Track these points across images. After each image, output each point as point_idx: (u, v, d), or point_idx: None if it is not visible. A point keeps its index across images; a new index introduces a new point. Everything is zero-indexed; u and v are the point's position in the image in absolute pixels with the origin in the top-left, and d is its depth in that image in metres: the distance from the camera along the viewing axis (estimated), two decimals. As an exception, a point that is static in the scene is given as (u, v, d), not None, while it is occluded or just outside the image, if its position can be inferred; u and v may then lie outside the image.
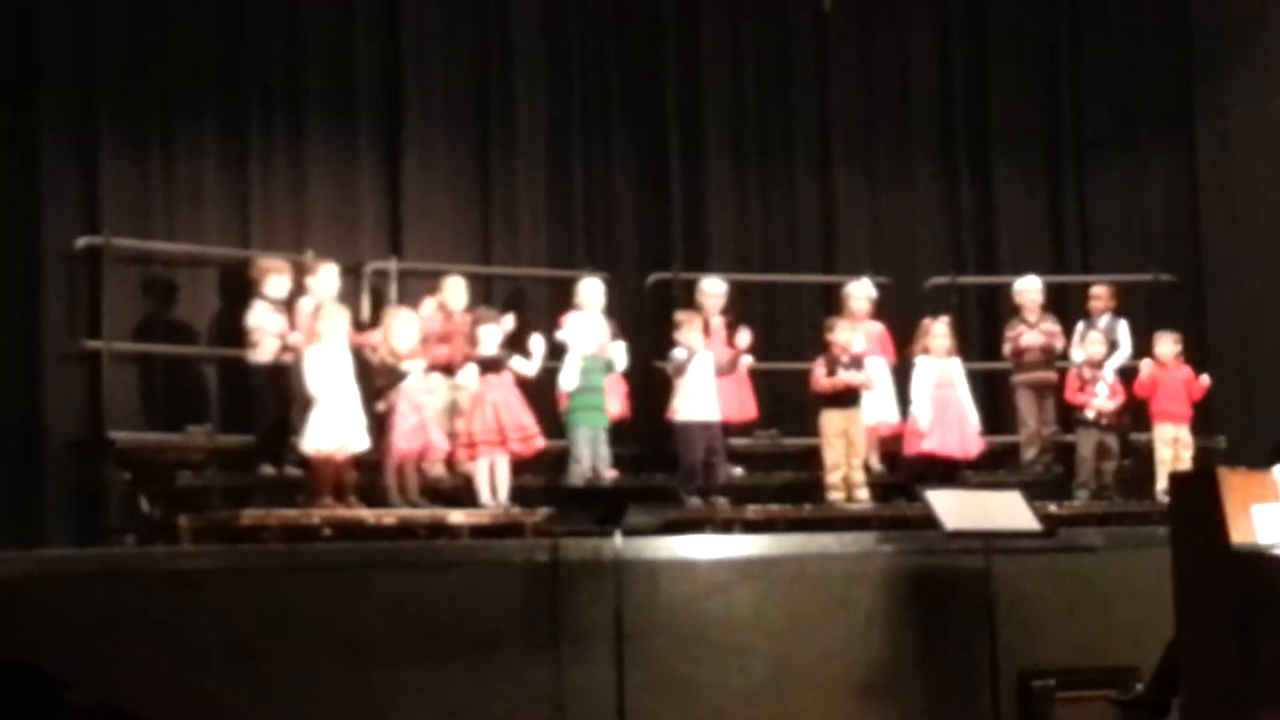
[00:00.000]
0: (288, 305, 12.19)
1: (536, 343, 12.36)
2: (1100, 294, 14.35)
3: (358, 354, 11.86)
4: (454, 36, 14.57)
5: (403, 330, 11.87)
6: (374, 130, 14.13)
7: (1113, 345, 13.94)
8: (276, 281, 12.21)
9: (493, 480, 11.98)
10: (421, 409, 11.74)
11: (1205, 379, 13.51)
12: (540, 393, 12.67)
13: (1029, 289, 14.20)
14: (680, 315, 12.98)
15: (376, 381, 11.79)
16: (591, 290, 13.16)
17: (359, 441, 11.55)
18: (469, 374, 12.14)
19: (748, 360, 13.09)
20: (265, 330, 12.04)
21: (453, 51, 14.55)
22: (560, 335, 12.85)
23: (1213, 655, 8.22)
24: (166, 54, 13.25)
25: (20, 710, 9.05)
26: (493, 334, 12.26)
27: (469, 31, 14.64)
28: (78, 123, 12.82)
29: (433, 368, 12.07)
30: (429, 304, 12.69)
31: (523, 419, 12.14)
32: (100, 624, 9.26)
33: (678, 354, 12.65)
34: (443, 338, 12.41)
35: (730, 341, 13.30)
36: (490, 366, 12.11)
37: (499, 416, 12.01)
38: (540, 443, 12.28)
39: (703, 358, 12.64)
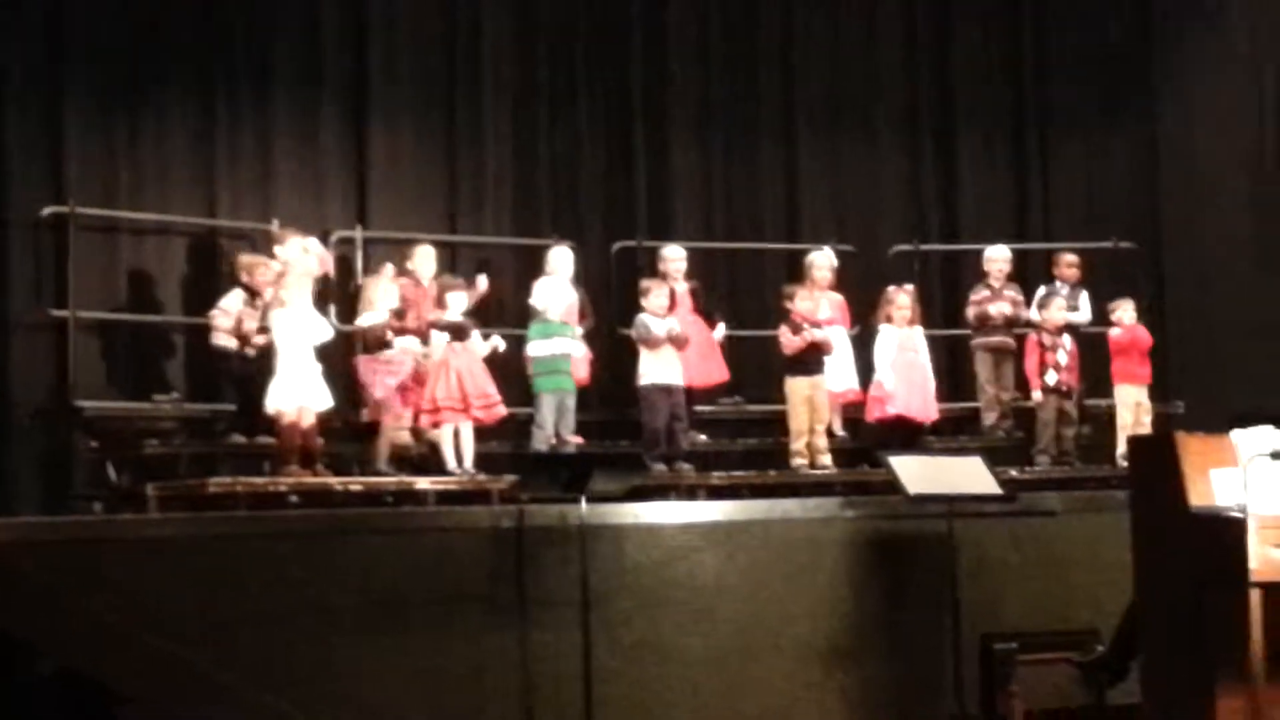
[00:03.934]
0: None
1: (495, 340, 12.43)
2: (1074, 262, 14.48)
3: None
4: (420, 6, 14.56)
5: (384, 295, 11.93)
6: (340, 100, 14.13)
7: (1072, 311, 14.08)
8: (262, 273, 12.18)
9: (458, 447, 12.05)
10: (396, 374, 11.82)
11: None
12: (507, 359, 12.72)
13: (997, 258, 14.34)
14: (646, 282, 13.04)
15: (362, 352, 11.82)
16: (561, 258, 13.19)
17: (321, 401, 11.60)
18: (438, 342, 12.19)
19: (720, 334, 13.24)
20: (227, 318, 12.06)
21: (419, 21, 14.53)
22: (531, 301, 12.89)
23: (1172, 617, 8.30)
24: (132, 23, 13.23)
25: (-12, 676, 9.11)
26: (459, 301, 12.30)
27: (435, 1, 14.64)
28: (43, 91, 12.83)
29: (399, 333, 12.11)
30: (388, 269, 12.69)
31: (486, 387, 12.17)
32: (67, 591, 9.25)
33: (646, 321, 12.70)
34: (406, 303, 12.42)
35: (696, 309, 13.38)
36: (456, 333, 12.15)
37: (462, 383, 12.04)
38: (502, 410, 12.31)
39: (666, 324, 12.70)
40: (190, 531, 9.93)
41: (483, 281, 12.71)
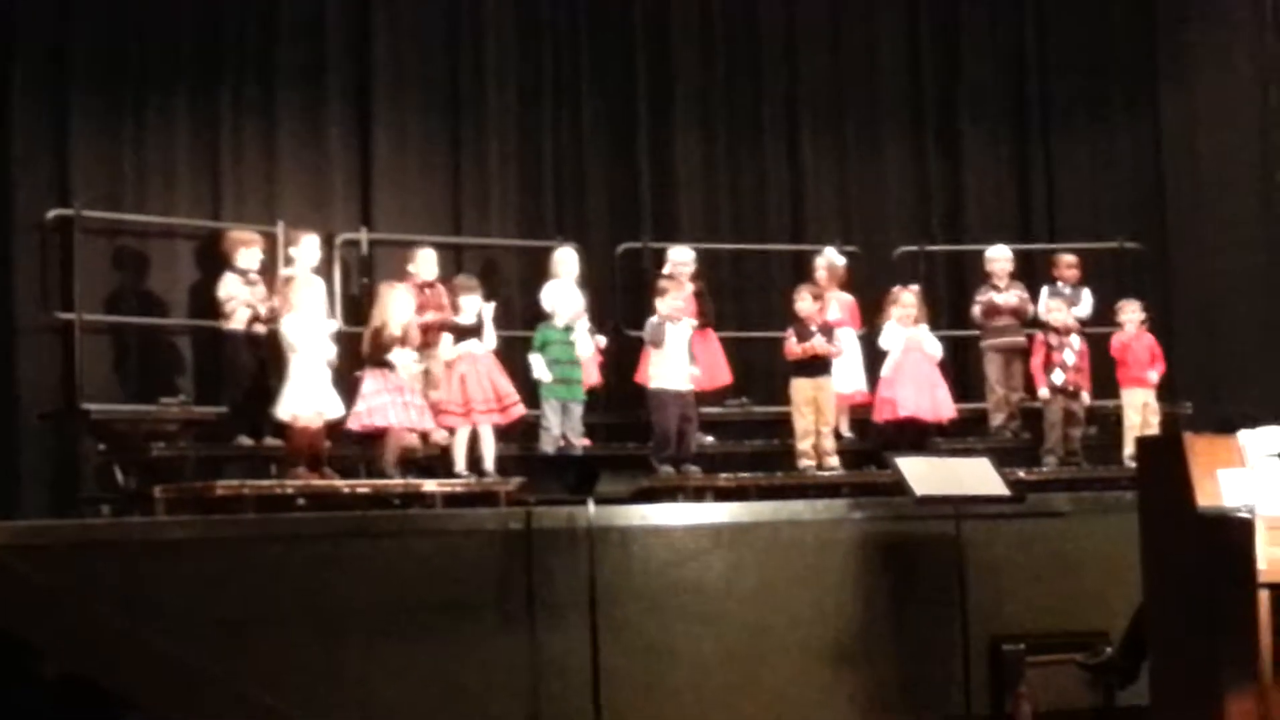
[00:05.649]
0: (260, 276, 12.22)
1: (487, 309, 12.33)
2: (1073, 262, 14.48)
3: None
4: (425, 7, 14.56)
5: (398, 307, 11.86)
6: (345, 102, 14.13)
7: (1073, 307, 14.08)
8: (247, 254, 12.24)
9: (478, 450, 12.04)
10: (388, 386, 11.74)
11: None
12: (520, 359, 12.71)
13: (999, 257, 14.32)
14: (665, 282, 12.97)
15: (368, 361, 11.78)
16: (567, 260, 13.17)
17: (334, 409, 11.60)
18: (445, 344, 12.17)
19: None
20: (237, 299, 12.08)
21: (423, 22, 14.53)
22: (541, 304, 12.87)
23: (1180, 618, 8.31)
24: (137, 25, 13.25)
25: (-4, 680, 9.10)
26: (473, 304, 12.27)
27: (439, 2, 14.63)
28: (48, 94, 12.83)
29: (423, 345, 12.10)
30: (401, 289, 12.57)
31: (497, 388, 12.14)
32: (75, 595, 9.23)
33: (656, 321, 12.67)
34: (420, 309, 12.40)
35: (700, 311, 13.34)
36: (465, 334, 12.11)
37: (465, 388, 12.03)
38: (519, 410, 12.30)
39: (679, 326, 12.67)
40: (197, 534, 9.91)
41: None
